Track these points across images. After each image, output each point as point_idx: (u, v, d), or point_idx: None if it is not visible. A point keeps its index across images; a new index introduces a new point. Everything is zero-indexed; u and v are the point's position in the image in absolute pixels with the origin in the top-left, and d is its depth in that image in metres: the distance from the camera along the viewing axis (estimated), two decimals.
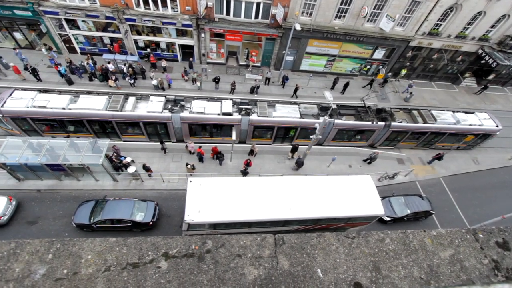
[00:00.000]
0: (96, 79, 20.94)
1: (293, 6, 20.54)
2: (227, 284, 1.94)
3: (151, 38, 22.57)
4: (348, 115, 19.04)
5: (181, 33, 22.31)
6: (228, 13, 20.98)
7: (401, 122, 18.85)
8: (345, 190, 13.37)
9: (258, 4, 20.48)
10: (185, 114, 16.46)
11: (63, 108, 15.34)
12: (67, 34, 21.46)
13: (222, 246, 2.12)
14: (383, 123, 18.59)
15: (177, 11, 20.33)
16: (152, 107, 16.16)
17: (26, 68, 19.77)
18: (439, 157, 19.74)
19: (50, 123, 16.23)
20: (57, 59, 20.90)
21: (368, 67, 26.29)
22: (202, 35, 21.93)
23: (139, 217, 13.88)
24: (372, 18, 21.85)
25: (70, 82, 20.23)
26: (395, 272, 1.97)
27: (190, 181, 12.45)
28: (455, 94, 27.43)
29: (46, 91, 16.50)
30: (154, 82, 20.78)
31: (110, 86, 20.37)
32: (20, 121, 15.79)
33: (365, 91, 25.03)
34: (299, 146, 18.49)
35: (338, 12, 21.26)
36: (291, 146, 18.62)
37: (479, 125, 19.71)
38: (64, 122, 16.22)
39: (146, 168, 15.84)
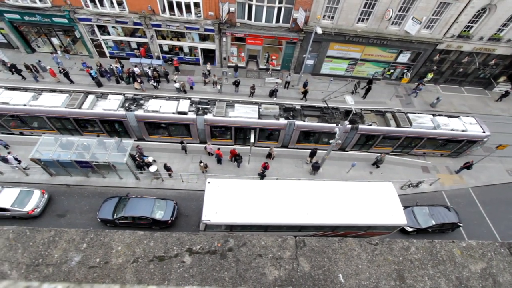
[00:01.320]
0: (123, 82, 22.02)
1: (315, 10, 20.44)
2: (248, 282, 1.98)
3: (175, 42, 23.39)
4: (312, 117, 18.15)
5: (203, 37, 22.93)
6: (249, 18, 21.28)
7: (370, 125, 17.81)
8: (365, 197, 12.97)
9: (279, 9, 20.60)
10: (140, 112, 16.56)
11: (24, 105, 16.01)
12: (98, 39, 22.81)
13: (243, 245, 2.17)
14: (349, 126, 17.50)
15: (200, 16, 20.94)
16: (109, 105, 16.47)
17: (60, 71, 21.21)
18: (468, 166, 18.60)
19: (14, 119, 16.96)
20: (67, 62, 22.22)
21: (392, 71, 25.47)
22: (224, 39, 22.40)
23: (158, 215, 14.32)
24: (397, 20, 21.19)
25: (99, 84, 21.43)
26: (420, 282, 1.90)
27: (209, 182, 12.68)
28: (487, 100, 25.79)
29: (13, 88, 17.21)
30: (177, 85, 21.47)
31: (136, 89, 21.31)
32: None
33: (389, 95, 24.24)
34: (317, 151, 18.24)
35: (361, 15, 20.86)
36: (310, 151, 18.41)
37: (463, 130, 18.13)
38: (26, 119, 16.84)
39: (167, 168, 16.34)
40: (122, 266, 2.18)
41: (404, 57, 24.12)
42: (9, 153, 15.77)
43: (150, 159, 16.36)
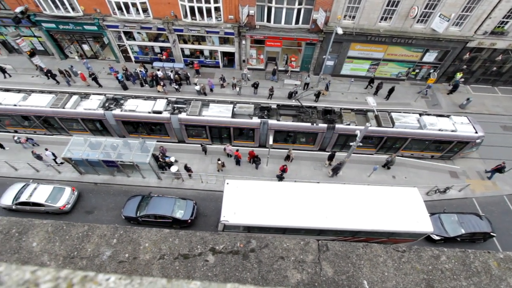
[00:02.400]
0: (146, 85, 22.94)
1: (335, 10, 20.10)
2: (270, 284, 1.99)
3: (196, 46, 24.01)
4: (287, 116, 17.71)
5: (223, 40, 23.34)
6: (268, 20, 21.36)
7: (348, 124, 17.06)
8: (388, 202, 12.50)
9: (298, 10, 20.50)
10: (117, 112, 17.06)
11: (14, 105, 17.03)
12: (124, 45, 23.96)
13: (265, 246, 2.18)
14: (325, 125, 17.03)
15: (221, 20, 21.34)
16: (89, 105, 17.20)
17: (90, 76, 22.51)
18: (499, 169, 17.24)
19: (6, 118, 18.15)
20: (89, 66, 23.38)
21: (417, 71, 24.40)
22: (243, 42, 22.65)
23: (179, 214, 14.70)
24: (423, 18, 20.29)
25: (125, 88, 22.48)
26: None
27: (227, 183, 12.84)
28: None
29: (7, 90, 18.37)
30: (197, 87, 22.00)
31: (159, 91, 22.10)
32: None
33: (414, 95, 23.23)
34: (336, 153, 17.88)
35: (384, 13, 20.21)
36: (328, 154, 18.09)
37: (452, 131, 16.92)
38: (17, 118, 17.87)
39: (187, 169, 16.76)
40: (149, 262, 2.28)
41: (430, 56, 23.03)
42: (46, 149, 17.01)
43: (172, 159, 16.88)
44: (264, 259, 2.10)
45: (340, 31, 18.65)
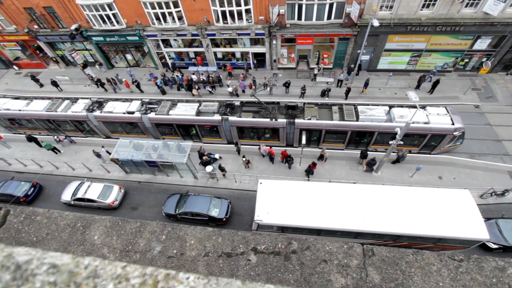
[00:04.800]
0: (182, 89, 24.12)
1: (370, 2, 19.07)
2: (314, 287, 1.99)
3: (227, 49, 24.60)
4: (248, 112, 17.75)
5: (254, 42, 23.57)
6: (299, 18, 21.04)
7: (309, 119, 16.46)
8: (435, 205, 11.52)
9: (330, 5, 19.85)
10: (97, 113, 18.65)
11: (20, 110, 19.53)
12: (162, 52, 25.48)
13: (307, 248, 2.18)
14: (284, 120, 16.86)
15: (251, 22, 21.58)
16: (75, 108, 19.15)
17: (133, 82, 24.35)
18: None
19: (15, 121, 20.65)
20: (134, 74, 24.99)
21: (466, 60, 22.07)
22: (274, 42, 22.63)
23: (214, 212, 15.21)
24: (473, 1, 18.29)
25: (163, 92, 23.90)
26: None
27: (261, 183, 12.95)
28: None
29: (17, 98, 21.11)
30: (230, 89, 22.52)
31: (193, 95, 23.10)
32: None
33: (463, 88, 21.07)
34: (369, 153, 17.14)
35: (425, 0, 18.64)
36: (360, 152, 17.38)
37: (425, 123, 15.66)
38: (22, 121, 20.36)
39: (221, 168, 17.26)
40: (195, 259, 2.42)
41: (482, 44, 20.66)
42: (102, 147, 18.91)
43: (217, 156, 17.90)
44: (306, 261, 2.10)
45: (376, 23, 17.65)
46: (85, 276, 0.61)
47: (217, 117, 17.69)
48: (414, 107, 16.35)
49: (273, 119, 17.10)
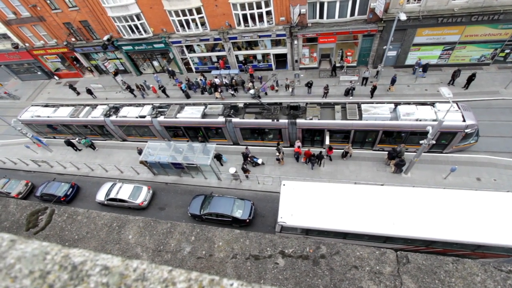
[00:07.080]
0: (206, 92, 24.74)
1: None
2: None
3: (249, 52, 24.83)
4: (251, 113, 18.01)
5: (275, 43, 23.55)
6: (321, 16, 20.68)
7: (311, 119, 16.28)
8: (474, 209, 10.70)
9: (354, 1, 19.27)
10: (113, 117, 20.00)
11: (48, 117, 21.45)
12: (186, 57, 26.36)
13: (336, 253, 2.14)
14: (286, 121, 16.91)
15: (272, 23, 21.60)
16: (94, 113, 20.75)
17: (160, 88, 25.45)
18: None
19: (45, 127, 22.75)
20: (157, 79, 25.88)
21: (507, 51, 20.25)
22: (295, 42, 22.44)
23: (237, 213, 15.37)
24: None
25: (188, 96, 24.69)
26: None
27: (284, 185, 12.87)
28: None
29: (47, 105, 23.12)
30: (252, 91, 22.65)
31: (216, 98, 23.59)
32: (30, 126, 22.69)
33: (503, 82, 19.36)
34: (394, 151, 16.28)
35: None
36: (387, 153, 16.60)
37: (433, 120, 14.56)
38: (49, 126, 22.38)
39: (245, 170, 17.41)
40: (223, 261, 2.47)
41: None
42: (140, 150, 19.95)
43: (259, 161, 18.20)
44: (336, 266, 2.06)
45: (403, 17, 16.82)
46: (134, 279, 0.66)
47: (221, 119, 18.12)
48: (423, 104, 15.70)
49: (275, 120, 17.26)
